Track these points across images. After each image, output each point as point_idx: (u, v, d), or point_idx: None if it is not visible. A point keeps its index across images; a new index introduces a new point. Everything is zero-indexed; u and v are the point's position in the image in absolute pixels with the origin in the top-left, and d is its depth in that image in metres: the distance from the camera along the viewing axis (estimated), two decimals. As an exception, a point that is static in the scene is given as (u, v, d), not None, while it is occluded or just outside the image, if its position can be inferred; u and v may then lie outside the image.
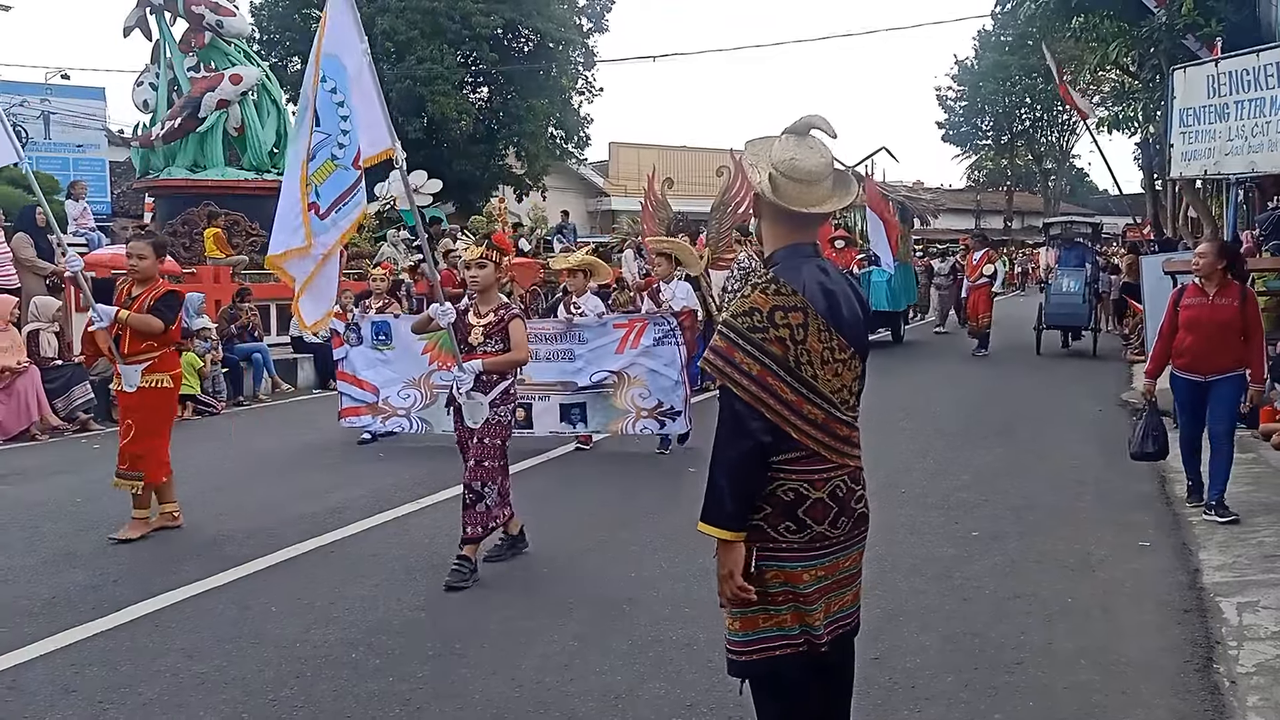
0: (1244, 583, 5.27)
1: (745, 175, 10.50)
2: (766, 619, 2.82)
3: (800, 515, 2.77)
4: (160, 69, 16.30)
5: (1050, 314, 17.14)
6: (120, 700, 4.11)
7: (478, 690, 4.18)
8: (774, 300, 2.73)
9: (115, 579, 5.63)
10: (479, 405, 5.52)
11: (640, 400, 8.73)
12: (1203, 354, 6.49)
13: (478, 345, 5.61)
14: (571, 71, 30.56)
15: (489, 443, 5.57)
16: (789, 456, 2.75)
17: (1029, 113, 45.22)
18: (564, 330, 8.95)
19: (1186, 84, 10.79)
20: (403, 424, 9.39)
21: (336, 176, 5.51)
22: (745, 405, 2.70)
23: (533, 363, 8.44)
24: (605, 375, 8.78)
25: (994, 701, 4.04)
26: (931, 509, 7.00)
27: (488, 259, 5.70)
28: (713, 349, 2.76)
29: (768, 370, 2.69)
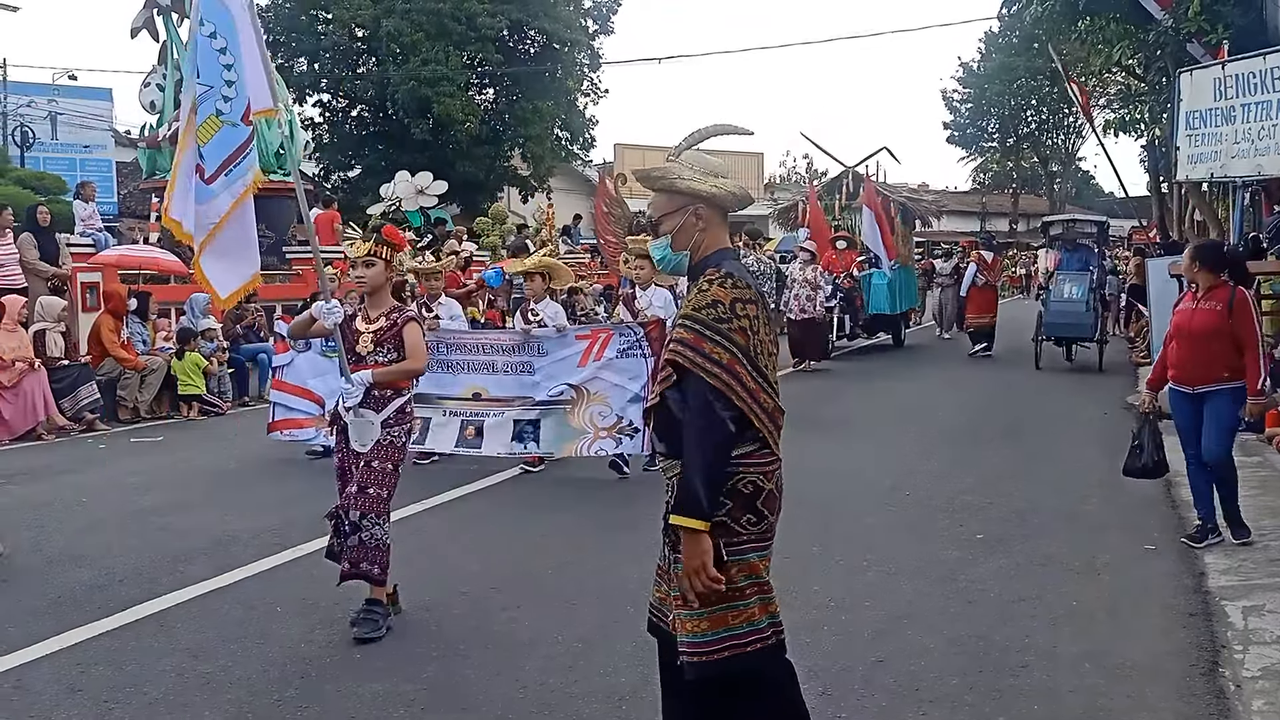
0: (1249, 586, 5.26)
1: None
2: (736, 615, 2.84)
3: (759, 507, 2.87)
4: (167, 70, 16.32)
5: (1049, 324, 15.29)
6: (125, 700, 4.12)
7: (481, 691, 4.18)
8: (733, 293, 2.85)
9: (120, 579, 5.64)
10: (368, 425, 4.81)
11: (599, 419, 7.97)
12: (1190, 363, 6.01)
13: (367, 355, 4.89)
14: (577, 73, 30.56)
15: (378, 467, 4.82)
16: (746, 450, 2.85)
17: (1035, 115, 45.14)
18: (522, 341, 8.30)
19: (1193, 87, 10.77)
20: None
21: (224, 134, 4.78)
22: (716, 393, 2.78)
23: (489, 376, 8.29)
24: (564, 389, 8.07)
25: (999, 705, 4.04)
26: (936, 512, 6.99)
27: (376, 256, 4.92)
28: (680, 341, 2.84)
29: (736, 359, 2.80)
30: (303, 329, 5.32)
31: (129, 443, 10.29)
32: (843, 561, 5.87)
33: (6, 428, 10.16)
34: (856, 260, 17.87)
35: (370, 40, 27.33)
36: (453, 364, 8.39)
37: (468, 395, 8.31)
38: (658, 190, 3.05)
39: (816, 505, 7.17)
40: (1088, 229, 16.45)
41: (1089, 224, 16.69)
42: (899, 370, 15.59)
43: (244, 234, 5.00)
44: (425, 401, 7.92)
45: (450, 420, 8.29)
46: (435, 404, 8.27)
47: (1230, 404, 5.95)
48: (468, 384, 8.33)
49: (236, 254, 4.99)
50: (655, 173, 3.06)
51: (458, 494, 7.59)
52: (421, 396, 7.94)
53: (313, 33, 27.64)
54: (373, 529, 4.80)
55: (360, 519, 4.77)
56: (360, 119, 29.63)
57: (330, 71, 28.08)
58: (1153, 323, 13.06)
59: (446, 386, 8.35)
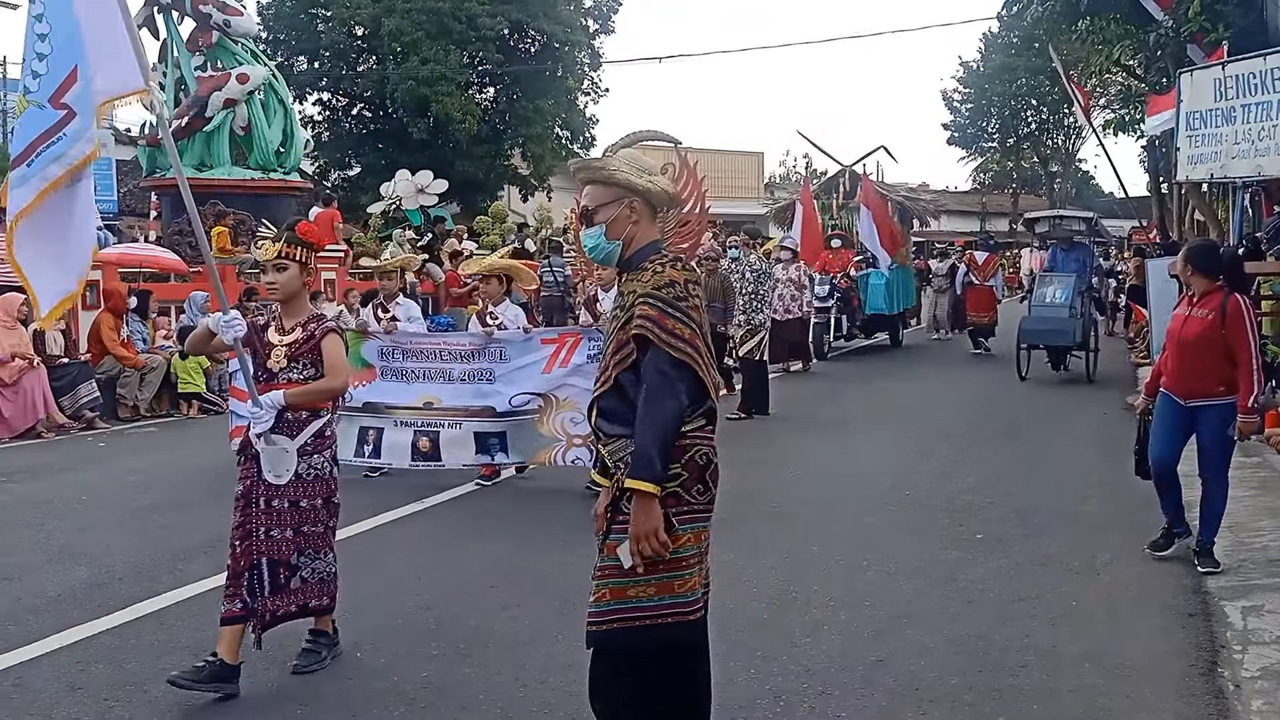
0: (1249, 587, 5.26)
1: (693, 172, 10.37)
2: (682, 584, 2.97)
3: (707, 478, 3.02)
4: (168, 68, 16.34)
5: (1027, 330, 13.76)
6: (126, 698, 4.12)
7: (482, 690, 4.19)
8: (685, 274, 3.03)
9: (121, 576, 5.64)
10: (282, 453, 4.20)
11: (572, 426, 7.34)
12: (1181, 374, 5.63)
13: (280, 372, 4.26)
14: (578, 72, 30.57)
15: (307, 507, 4.26)
16: (698, 424, 3.00)
17: (1035, 115, 45.11)
18: (481, 347, 7.72)
19: (1193, 87, 10.77)
20: None
21: (30, 115, 4.25)
22: (675, 367, 2.91)
23: (444, 385, 7.74)
24: (528, 398, 7.51)
25: (998, 704, 4.04)
26: (936, 512, 7.00)
27: (289, 258, 4.29)
28: (644, 317, 2.93)
29: (696, 334, 2.96)
30: (200, 344, 4.56)
31: (129, 440, 10.29)
32: (842, 561, 5.87)
33: (6, 426, 10.17)
34: (854, 260, 17.78)
35: (370, 39, 27.34)
36: (406, 372, 7.87)
37: (419, 404, 7.77)
38: (595, 182, 3.15)
39: (816, 505, 7.19)
40: (1076, 225, 15.12)
41: (1076, 220, 15.36)
42: (897, 371, 15.57)
43: (62, 232, 4.28)
44: (375, 412, 7.75)
45: (402, 431, 7.73)
46: (386, 414, 7.78)
47: (1222, 420, 5.54)
48: (420, 393, 7.80)
49: (54, 255, 4.29)
50: (595, 164, 3.17)
51: (457, 494, 7.59)
52: (372, 407, 7.76)
53: (312, 31, 27.65)
54: (314, 563, 4.31)
55: (298, 558, 4.25)
56: (360, 118, 29.65)
57: (330, 70, 28.10)
58: (1153, 324, 13.05)
59: (399, 395, 7.83)
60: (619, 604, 2.96)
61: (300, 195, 18.28)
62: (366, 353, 7.86)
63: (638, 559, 2.88)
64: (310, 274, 4.45)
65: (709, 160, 45.05)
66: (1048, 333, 13.58)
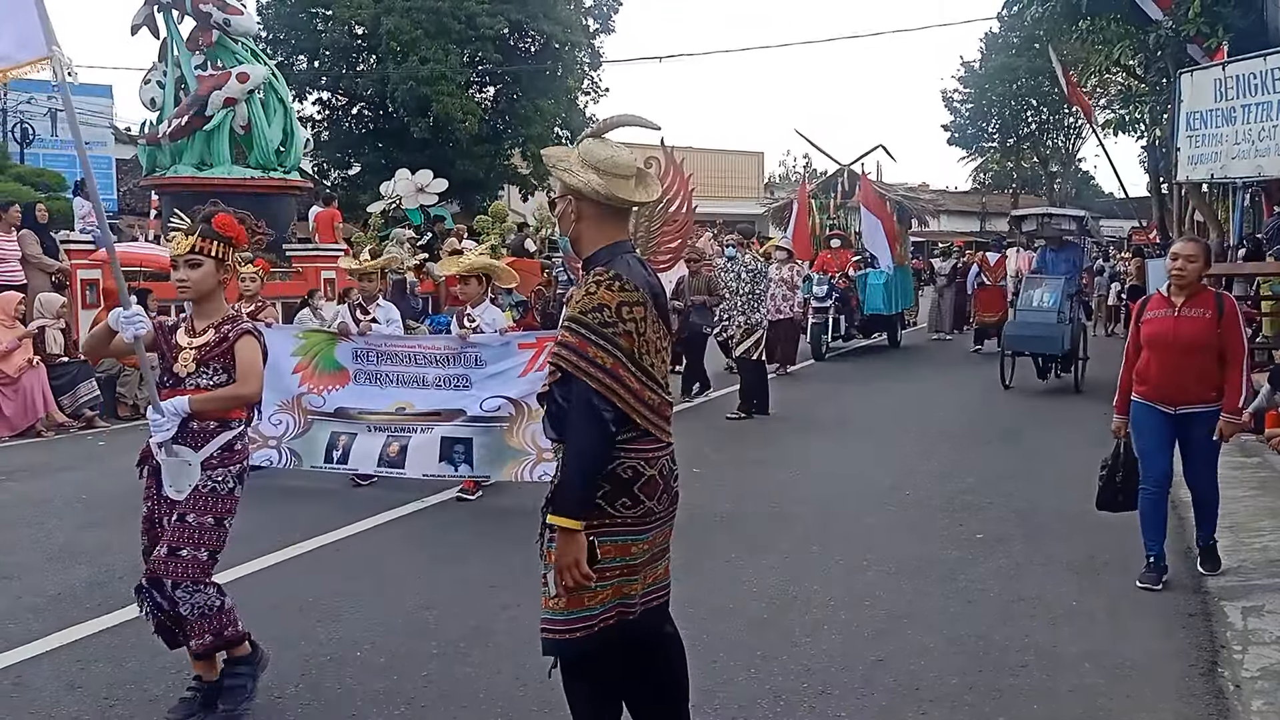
0: (1249, 587, 5.26)
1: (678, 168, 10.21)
2: (591, 596, 2.96)
3: (636, 491, 2.96)
4: (168, 67, 16.31)
5: (1010, 336, 13.07)
6: (126, 696, 4.12)
7: (483, 689, 4.19)
8: (620, 296, 2.92)
9: (120, 575, 5.63)
10: (184, 466, 3.79)
11: (541, 439, 6.83)
12: (1169, 381, 5.28)
13: (187, 377, 3.85)
14: (578, 72, 30.57)
15: (194, 522, 3.77)
16: (627, 436, 2.94)
17: (1035, 115, 45.11)
18: (458, 351, 7.38)
19: (1193, 87, 10.79)
20: (270, 456, 7.60)
21: None
22: (599, 396, 2.86)
23: (417, 390, 7.44)
24: (500, 403, 7.15)
25: (998, 704, 4.05)
26: (936, 511, 7.00)
27: (204, 253, 3.90)
28: (564, 344, 2.93)
29: (619, 362, 2.88)
30: (99, 345, 4.15)
31: (129, 438, 10.28)
32: (843, 561, 5.87)
33: (7, 424, 10.17)
34: (852, 260, 17.68)
35: (370, 38, 27.33)
36: (380, 376, 7.58)
37: (392, 410, 7.47)
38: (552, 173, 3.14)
39: (816, 505, 7.19)
40: (1067, 224, 13.98)
41: (1067, 218, 14.17)
42: (896, 371, 15.55)
43: None
44: (348, 418, 7.53)
45: (374, 437, 7.46)
46: (358, 420, 7.53)
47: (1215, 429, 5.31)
48: (394, 398, 7.51)
49: None
50: (549, 156, 3.15)
51: (454, 493, 7.58)
52: (344, 412, 7.54)
53: (312, 30, 27.65)
54: (192, 599, 3.76)
55: (174, 589, 3.75)
56: (360, 117, 29.66)
57: (330, 69, 28.10)
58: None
59: (372, 401, 7.54)
60: (551, 614, 3.00)
61: (300, 194, 18.25)
62: (340, 355, 7.66)
63: (559, 589, 2.91)
64: (228, 272, 4.00)
65: (709, 160, 45.23)
66: (1034, 339, 12.76)
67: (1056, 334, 12.54)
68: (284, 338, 7.75)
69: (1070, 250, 13.79)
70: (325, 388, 7.62)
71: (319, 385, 7.62)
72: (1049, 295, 12.76)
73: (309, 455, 7.57)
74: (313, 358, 7.68)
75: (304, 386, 7.64)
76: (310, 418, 7.64)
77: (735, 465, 8.54)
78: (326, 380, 7.63)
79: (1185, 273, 5.29)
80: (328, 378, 7.63)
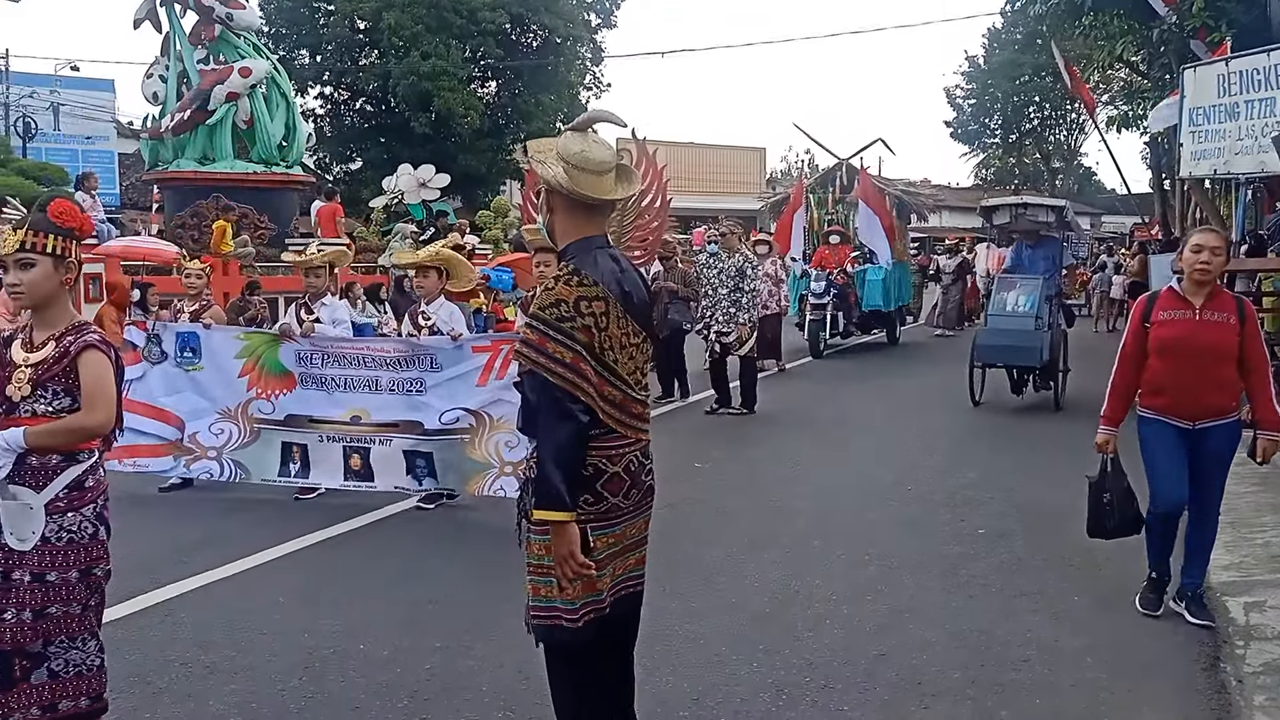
0: (1251, 582, 5.26)
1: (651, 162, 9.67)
2: (553, 589, 3.04)
3: (599, 489, 3.00)
4: (170, 61, 16.33)
5: (981, 346, 11.15)
6: (130, 689, 4.13)
7: (485, 682, 4.20)
8: (578, 291, 2.94)
9: (123, 569, 5.61)
10: (24, 510, 3.15)
11: (506, 450, 6.49)
12: (1189, 390, 4.68)
13: (22, 401, 3.20)
14: (579, 67, 30.57)
15: (56, 581, 3.19)
16: (591, 435, 2.97)
17: (1038, 111, 45.10)
18: (410, 353, 6.87)
19: (1197, 83, 10.77)
20: (211, 468, 7.20)
21: None
22: (563, 391, 2.89)
23: (372, 395, 6.92)
24: (459, 415, 6.66)
25: (1000, 698, 4.05)
26: (938, 506, 7.01)
27: (38, 249, 3.23)
28: (525, 341, 2.96)
29: (579, 356, 2.90)
30: None
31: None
32: (844, 556, 5.88)
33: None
34: (850, 255, 17.29)
35: (372, 33, 27.34)
36: (327, 380, 7.05)
37: (346, 419, 6.98)
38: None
39: (817, 500, 7.19)
40: (1044, 216, 11.98)
41: (1044, 209, 12.14)
42: (896, 368, 15.49)
43: None
44: (299, 426, 7.05)
45: (330, 447, 7.00)
46: (310, 428, 7.04)
47: (1232, 439, 4.83)
48: (348, 405, 6.99)
49: None
50: (533, 146, 3.19)
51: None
52: (295, 420, 7.04)
53: (314, 25, 27.67)
54: (67, 654, 3.26)
55: (45, 646, 3.21)
56: (362, 112, 29.68)
57: (332, 64, 28.11)
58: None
59: (323, 407, 7.04)
60: (533, 600, 3.13)
61: (302, 189, 18.29)
62: (284, 358, 7.15)
63: (564, 580, 2.98)
64: (70, 270, 3.31)
65: (711, 156, 45.23)
66: (1008, 349, 10.98)
67: (1034, 342, 10.76)
68: (227, 340, 7.37)
69: (1048, 246, 11.85)
70: (273, 393, 7.16)
71: (267, 390, 7.15)
72: (1025, 298, 11.05)
73: (259, 467, 7.14)
74: (257, 360, 7.20)
75: (252, 391, 7.18)
76: (258, 426, 7.16)
77: (737, 461, 8.54)
78: (274, 384, 7.17)
79: (1211, 267, 4.64)
80: (275, 381, 7.17)
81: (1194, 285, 4.69)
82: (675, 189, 11.99)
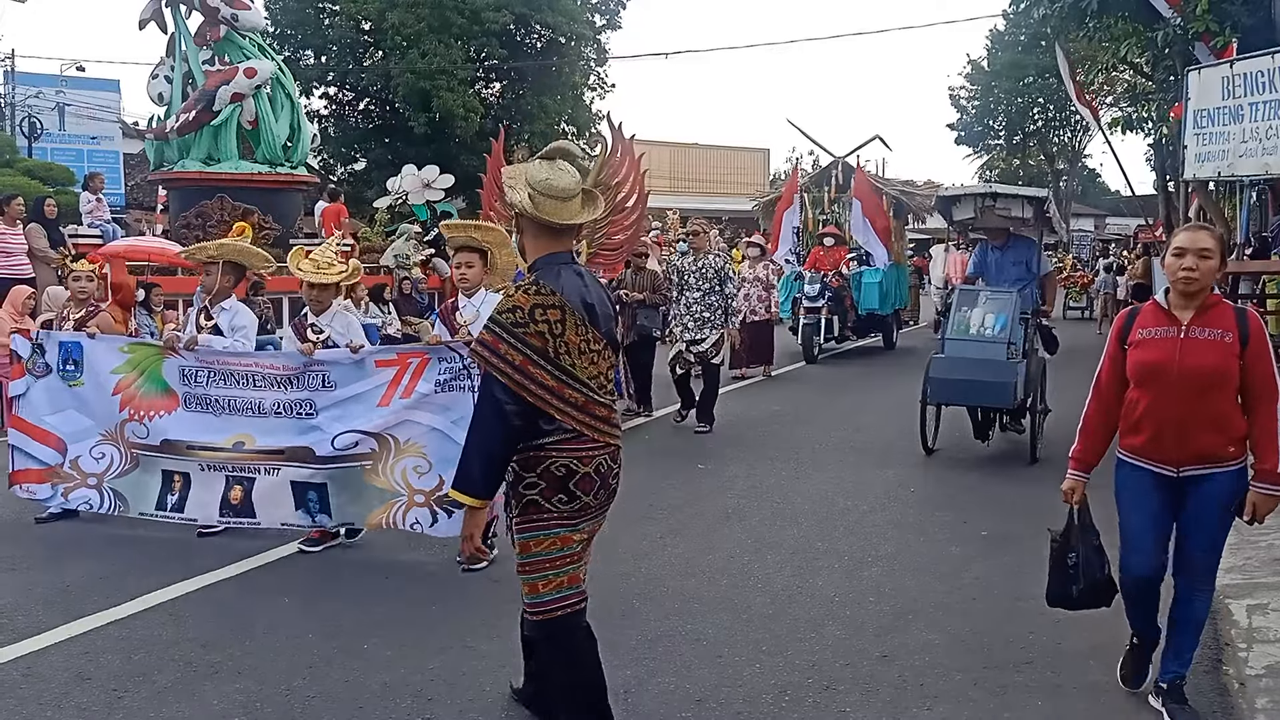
0: (1253, 585, 5.26)
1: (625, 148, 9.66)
2: (547, 584, 3.32)
3: (571, 488, 3.27)
4: (175, 62, 16.33)
5: (938, 380, 8.40)
6: (135, 688, 4.15)
7: (489, 682, 4.21)
8: (534, 300, 3.23)
9: (129, 568, 5.67)
10: None
11: (415, 477, 5.65)
12: (1172, 428, 3.73)
13: None
14: (583, 68, 30.57)
15: None
16: (558, 437, 3.25)
17: (1042, 113, 45.05)
18: (301, 370, 5.92)
19: (1201, 85, 10.76)
20: (90, 498, 6.36)
21: None
22: (506, 391, 3.17)
23: (256, 419, 6.02)
24: (357, 439, 5.75)
25: (1003, 701, 4.06)
26: (940, 508, 7.01)
27: None
28: (480, 341, 3.26)
29: (529, 360, 3.18)
30: None
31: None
32: (847, 558, 5.88)
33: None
34: (845, 258, 16.73)
35: (375, 33, 27.37)
36: (211, 400, 6.12)
37: (229, 444, 6.07)
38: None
39: (820, 502, 7.20)
40: (1019, 210, 9.31)
41: (1019, 201, 9.38)
42: (894, 372, 15.28)
43: None
44: (176, 452, 6.16)
45: (212, 477, 6.11)
46: (189, 455, 6.14)
47: (1229, 490, 3.80)
48: (232, 430, 6.08)
49: None
50: (505, 173, 3.46)
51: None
52: (171, 445, 6.18)
53: (319, 26, 27.69)
54: None
55: None
56: (366, 112, 29.69)
57: (336, 65, 28.14)
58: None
59: (205, 432, 6.13)
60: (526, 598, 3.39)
61: (306, 190, 18.30)
62: (167, 373, 6.24)
63: (464, 557, 3.39)
64: None
65: (715, 157, 45.26)
66: (972, 385, 8.25)
67: (1005, 376, 8.11)
68: (108, 351, 6.46)
69: (1022, 248, 9.17)
70: (148, 414, 6.24)
71: (141, 410, 6.25)
72: (993, 317, 8.40)
73: (137, 499, 6.29)
74: (137, 376, 6.31)
75: (125, 411, 6.29)
76: (136, 452, 6.30)
77: (739, 463, 8.54)
78: (150, 404, 6.25)
79: (1197, 275, 3.70)
80: (152, 401, 6.25)
81: (1181, 297, 3.78)
82: (679, 190, 11.98)
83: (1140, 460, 3.88)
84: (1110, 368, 3.97)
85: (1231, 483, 3.79)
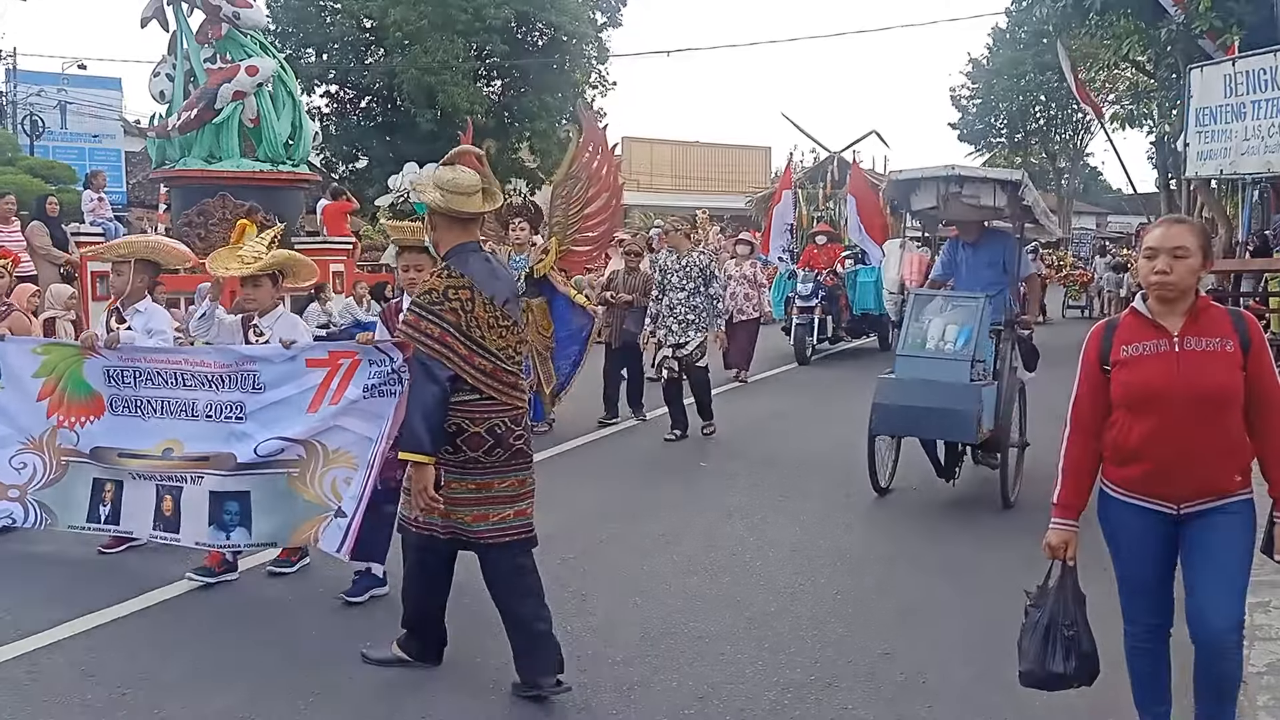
0: (1256, 583, 5.22)
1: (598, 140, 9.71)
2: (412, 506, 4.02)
3: (458, 443, 3.90)
4: (177, 60, 16.33)
5: (885, 406, 6.93)
6: (139, 685, 4.16)
7: (491, 680, 4.22)
8: (446, 282, 3.87)
9: (133, 566, 5.67)
10: None
11: (344, 488, 5.02)
12: (1175, 457, 3.18)
13: None
14: (585, 66, 30.55)
15: None
16: (460, 399, 3.85)
17: (1043, 110, 44.99)
18: (234, 369, 5.33)
19: (1203, 83, 10.77)
20: (12, 511, 5.84)
21: None
22: (430, 359, 3.80)
23: (187, 422, 5.46)
24: (282, 445, 5.17)
25: (1006, 697, 4.06)
26: (943, 505, 7.02)
27: None
28: (405, 321, 3.94)
29: (446, 332, 3.80)
30: None
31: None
32: (849, 555, 5.89)
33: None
34: (840, 256, 16.36)
35: (378, 31, 27.37)
36: (141, 403, 5.61)
37: (158, 452, 5.52)
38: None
39: (821, 500, 7.20)
40: (990, 199, 7.23)
41: (991, 187, 7.23)
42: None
43: None
44: (105, 461, 5.64)
45: (142, 486, 5.56)
46: (118, 464, 5.61)
47: (1245, 530, 3.28)
48: (160, 435, 5.54)
49: None
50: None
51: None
52: (100, 453, 5.66)
53: (321, 24, 27.69)
54: None
55: None
56: (368, 110, 29.68)
57: (338, 63, 28.13)
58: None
59: (134, 437, 5.60)
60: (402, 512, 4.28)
61: (308, 188, 18.30)
62: (89, 375, 5.72)
63: (417, 508, 3.96)
64: None
65: (716, 155, 45.19)
66: (925, 414, 6.76)
67: (966, 403, 6.61)
68: (23, 354, 5.96)
69: (997, 244, 7.49)
70: (77, 420, 5.76)
71: (69, 416, 5.76)
72: (955, 329, 6.85)
73: (66, 512, 5.78)
74: (59, 379, 5.81)
75: (54, 418, 5.80)
76: (65, 459, 5.80)
77: (741, 460, 8.55)
78: (78, 410, 5.76)
79: (1172, 278, 3.16)
80: (79, 406, 5.76)
81: (1159, 303, 3.24)
82: (680, 188, 11.89)
83: (1133, 497, 3.31)
84: (1090, 395, 3.42)
85: (1247, 515, 3.25)
